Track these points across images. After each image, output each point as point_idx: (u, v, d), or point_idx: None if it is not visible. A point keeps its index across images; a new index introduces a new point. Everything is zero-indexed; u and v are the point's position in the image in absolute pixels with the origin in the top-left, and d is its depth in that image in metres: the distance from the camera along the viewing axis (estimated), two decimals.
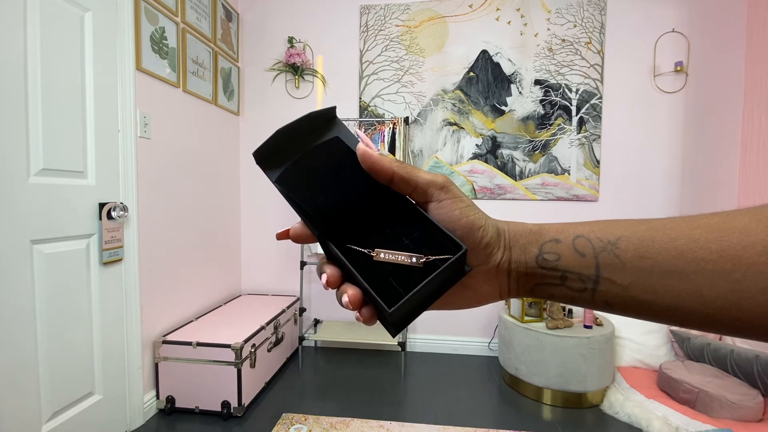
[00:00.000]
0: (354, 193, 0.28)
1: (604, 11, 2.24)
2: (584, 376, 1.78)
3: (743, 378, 1.72)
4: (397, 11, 2.37)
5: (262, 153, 0.28)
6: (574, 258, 0.25)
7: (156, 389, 1.71)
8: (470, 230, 0.26)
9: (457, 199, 0.27)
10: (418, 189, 0.27)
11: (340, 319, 2.50)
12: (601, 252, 0.24)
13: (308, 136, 0.30)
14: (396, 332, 0.26)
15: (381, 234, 0.27)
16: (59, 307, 1.29)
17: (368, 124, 2.33)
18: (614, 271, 0.24)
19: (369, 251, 0.26)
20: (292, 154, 0.29)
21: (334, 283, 0.26)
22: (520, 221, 0.28)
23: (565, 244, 0.26)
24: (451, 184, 0.27)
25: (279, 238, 0.28)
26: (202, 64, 2.06)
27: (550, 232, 0.26)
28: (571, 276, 0.25)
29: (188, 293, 1.99)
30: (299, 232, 0.28)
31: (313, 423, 1.63)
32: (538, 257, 0.26)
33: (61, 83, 1.29)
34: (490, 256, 0.27)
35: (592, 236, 0.25)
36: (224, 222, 2.37)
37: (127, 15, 1.54)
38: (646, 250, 0.23)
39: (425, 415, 1.73)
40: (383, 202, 0.28)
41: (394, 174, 0.27)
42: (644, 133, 2.27)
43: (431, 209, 0.27)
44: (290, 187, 0.27)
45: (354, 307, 0.25)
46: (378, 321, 0.26)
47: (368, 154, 0.27)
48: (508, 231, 0.27)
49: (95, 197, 1.42)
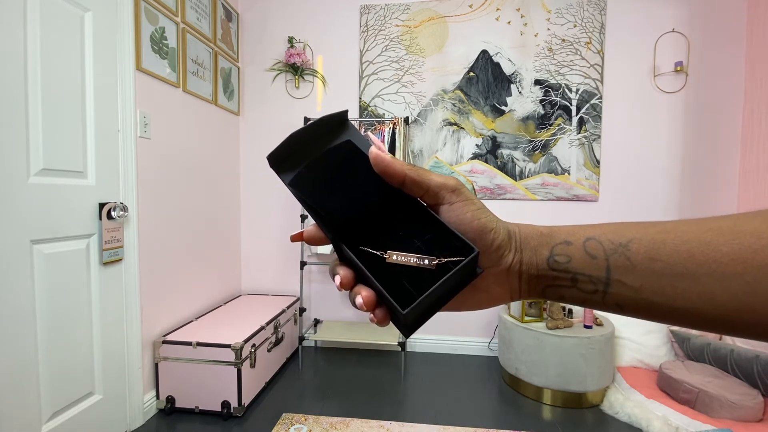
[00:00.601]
0: (366, 195, 0.28)
1: (604, 11, 2.24)
2: (584, 376, 1.78)
3: (743, 378, 1.72)
4: (397, 11, 2.37)
5: (276, 157, 0.29)
6: (585, 260, 0.25)
7: (156, 389, 1.71)
8: (482, 232, 0.26)
9: (469, 201, 0.27)
10: (429, 192, 0.27)
11: (340, 319, 2.50)
12: (612, 254, 0.24)
13: (321, 139, 0.30)
14: (409, 333, 0.26)
15: (393, 236, 0.28)
16: (59, 307, 1.29)
17: (368, 124, 2.33)
18: (625, 273, 0.24)
19: (381, 253, 0.26)
20: (305, 157, 0.29)
21: (348, 284, 0.27)
22: (530, 224, 0.28)
23: (576, 246, 0.26)
24: (463, 186, 0.28)
25: (293, 240, 0.29)
26: (202, 64, 2.06)
27: (561, 235, 0.27)
28: (582, 278, 0.25)
29: (188, 293, 1.99)
30: (313, 234, 0.28)
31: (313, 423, 1.63)
32: (549, 259, 0.26)
33: (61, 83, 1.29)
34: (501, 258, 0.27)
35: (603, 238, 0.25)
36: (224, 222, 2.37)
37: (127, 15, 1.54)
38: (657, 253, 0.23)
39: (425, 415, 1.73)
40: (395, 204, 0.28)
41: (406, 177, 0.27)
42: (644, 133, 2.27)
43: (443, 212, 0.27)
44: (304, 189, 0.28)
45: (368, 308, 0.25)
46: (391, 322, 0.27)
47: (381, 158, 0.27)
48: (518, 233, 0.27)
49: (95, 197, 1.42)
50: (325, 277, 2.51)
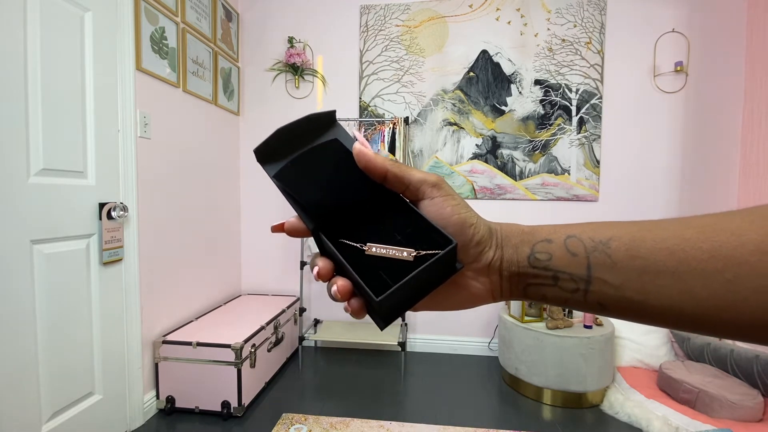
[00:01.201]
0: (349, 190, 0.29)
1: (604, 11, 2.24)
2: (584, 376, 1.78)
3: (743, 378, 1.72)
4: (397, 11, 2.37)
5: (263, 150, 0.29)
6: (566, 258, 0.25)
7: (156, 389, 1.71)
8: (462, 227, 0.26)
9: (449, 197, 0.27)
10: (411, 187, 0.28)
11: (340, 319, 2.50)
12: (593, 251, 0.24)
13: (308, 136, 0.31)
14: (384, 325, 0.26)
15: (374, 230, 0.28)
16: (59, 307, 1.29)
17: (368, 124, 2.33)
18: (606, 270, 0.24)
19: (361, 245, 0.27)
20: (291, 152, 0.30)
21: (326, 275, 0.27)
22: (513, 222, 0.28)
23: (557, 243, 0.26)
24: (444, 182, 0.28)
25: (273, 231, 0.29)
26: (202, 64, 2.06)
27: (542, 233, 0.27)
28: (563, 276, 0.25)
29: (188, 293, 1.99)
30: (294, 225, 0.28)
31: (313, 423, 1.63)
32: (530, 257, 0.26)
33: (61, 83, 1.29)
34: (481, 254, 0.27)
35: (584, 236, 0.25)
36: (224, 222, 2.37)
37: (127, 15, 1.54)
38: (637, 250, 0.23)
39: (425, 415, 1.73)
40: (377, 200, 0.29)
41: (387, 172, 0.27)
42: (644, 133, 2.27)
43: (423, 206, 0.28)
44: (287, 182, 0.28)
45: (342, 297, 0.25)
46: (367, 314, 0.27)
47: (363, 153, 0.28)
48: (500, 231, 0.28)
49: (95, 197, 1.42)
50: None
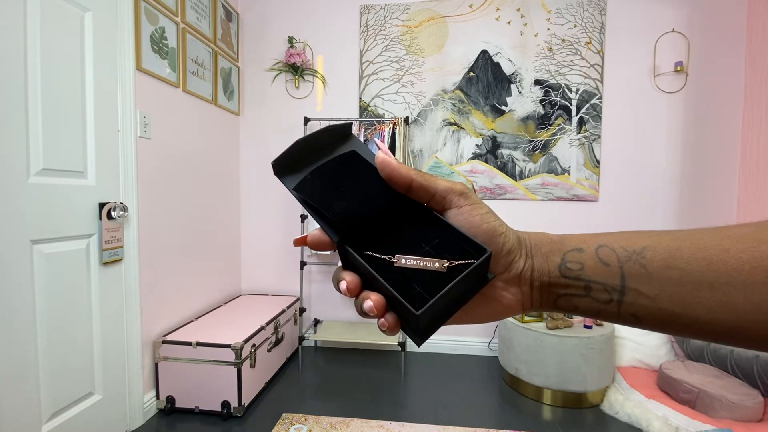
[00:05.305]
0: (372, 201, 0.28)
1: (604, 11, 2.24)
2: (584, 376, 1.78)
3: (743, 378, 1.72)
4: (397, 11, 2.37)
5: (281, 162, 0.29)
6: (599, 267, 0.24)
7: (156, 389, 1.71)
8: (492, 236, 0.26)
9: (477, 205, 0.27)
10: (436, 196, 0.27)
11: (340, 319, 2.50)
12: (626, 261, 0.24)
13: (326, 148, 0.30)
14: (422, 340, 0.25)
15: (399, 242, 0.27)
16: (59, 307, 1.29)
17: (368, 124, 2.33)
18: (641, 281, 0.23)
19: (389, 257, 0.26)
20: (308, 164, 0.29)
21: (355, 290, 0.25)
22: (540, 231, 0.28)
23: (588, 253, 0.25)
24: (470, 191, 0.27)
25: (296, 245, 0.28)
26: (202, 64, 2.06)
27: (572, 242, 0.26)
28: (595, 286, 0.24)
29: (188, 293, 1.99)
30: (318, 238, 0.27)
31: (313, 423, 1.63)
32: (561, 266, 0.25)
33: (61, 83, 1.28)
34: (512, 264, 0.26)
35: (615, 245, 0.24)
36: (224, 222, 2.37)
37: (127, 15, 1.54)
38: (673, 260, 0.22)
39: (425, 415, 1.73)
40: (401, 210, 0.28)
41: (412, 181, 0.27)
42: (644, 133, 2.27)
43: (451, 216, 0.27)
44: (309, 194, 0.27)
45: (379, 313, 0.24)
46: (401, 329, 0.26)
47: (387, 162, 0.27)
48: (528, 240, 0.27)
49: (95, 197, 1.42)
50: (325, 277, 2.51)
